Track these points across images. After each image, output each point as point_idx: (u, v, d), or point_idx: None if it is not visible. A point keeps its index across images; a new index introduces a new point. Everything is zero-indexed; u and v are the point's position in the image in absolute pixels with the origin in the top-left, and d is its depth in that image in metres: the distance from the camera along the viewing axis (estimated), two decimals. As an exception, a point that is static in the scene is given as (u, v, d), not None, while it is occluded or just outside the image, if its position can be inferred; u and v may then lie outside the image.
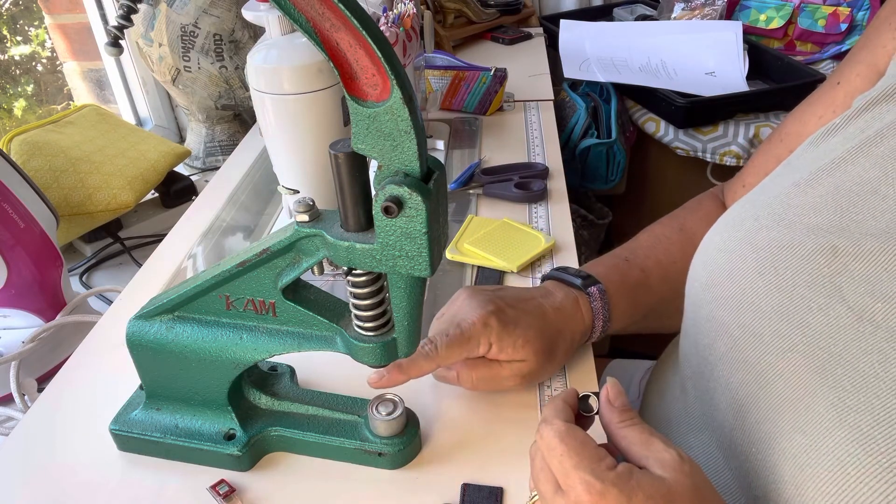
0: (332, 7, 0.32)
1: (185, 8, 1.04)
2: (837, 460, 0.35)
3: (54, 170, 0.91)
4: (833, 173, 0.43)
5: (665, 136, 1.24)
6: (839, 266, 0.40)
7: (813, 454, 0.36)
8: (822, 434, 0.36)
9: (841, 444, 0.35)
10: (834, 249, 0.40)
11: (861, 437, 0.34)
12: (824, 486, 0.35)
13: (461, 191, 0.86)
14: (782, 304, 0.42)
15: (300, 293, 0.47)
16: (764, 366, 0.42)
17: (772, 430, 0.40)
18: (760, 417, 0.41)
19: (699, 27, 1.37)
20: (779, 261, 0.43)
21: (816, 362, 0.39)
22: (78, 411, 0.58)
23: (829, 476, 0.35)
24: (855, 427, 0.35)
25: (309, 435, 0.51)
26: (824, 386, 0.38)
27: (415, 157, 0.36)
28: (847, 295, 0.39)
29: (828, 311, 0.39)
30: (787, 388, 0.40)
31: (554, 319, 0.55)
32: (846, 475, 0.34)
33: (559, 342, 0.55)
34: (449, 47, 1.33)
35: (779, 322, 0.41)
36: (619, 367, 0.84)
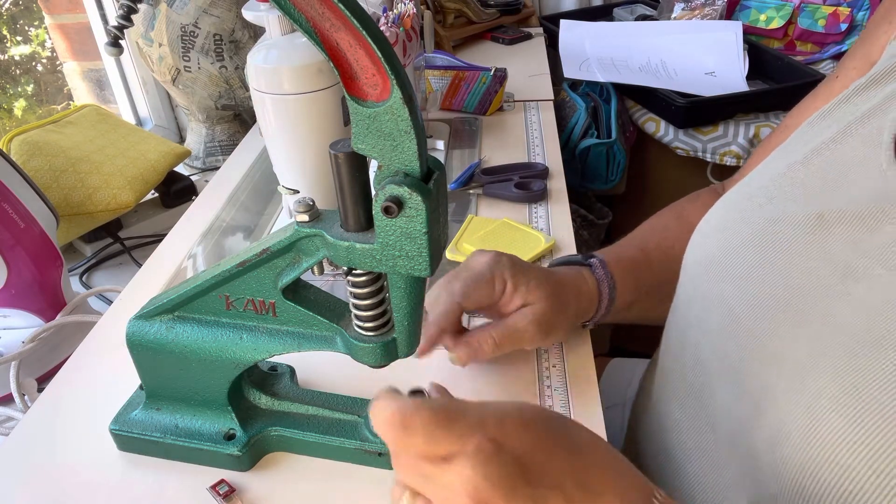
0: (332, 7, 0.32)
1: (185, 8, 1.04)
2: (812, 395, 0.37)
3: (54, 170, 0.91)
4: (822, 153, 0.46)
5: (665, 136, 1.24)
6: (823, 231, 0.42)
7: (791, 395, 0.39)
8: (801, 376, 0.39)
9: (816, 380, 0.37)
10: (820, 217, 0.42)
11: (833, 373, 0.37)
12: (800, 420, 0.37)
13: (461, 191, 0.86)
14: (775, 270, 0.44)
15: (300, 293, 0.47)
16: (758, 329, 0.43)
17: (762, 385, 0.41)
18: (752, 375, 0.43)
19: (699, 27, 1.37)
20: (770, 233, 0.45)
21: (801, 317, 0.41)
22: (78, 411, 0.58)
23: (804, 411, 0.37)
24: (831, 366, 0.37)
25: (309, 435, 0.51)
26: (804, 337, 0.40)
27: (415, 157, 0.36)
28: (833, 255, 0.41)
29: (817, 272, 0.41)
30: (778, 346, 0.41)
31: (561, 275, 0.57)
32: (819, 406, 0.36)
33: (568, 293, 0.56)
34: (449, 47, 1.33)
35: (772, 287, 0.43)
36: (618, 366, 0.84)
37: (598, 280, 0.59)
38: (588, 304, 0.58)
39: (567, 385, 0.57)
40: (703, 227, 0.53)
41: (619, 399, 0.79)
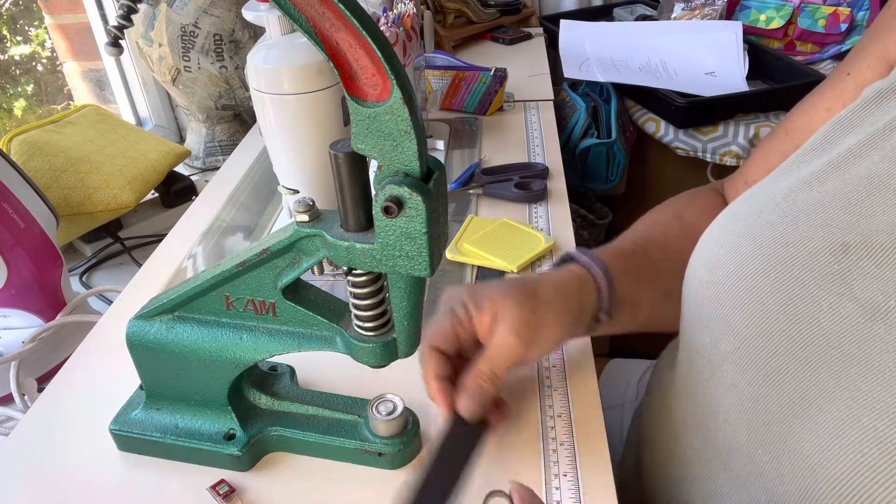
0: (332, 7, 0.32)
1: (185, 8, 1.04)
2: (851, 461, 0.34)
3: (54, 170, 0.91)
4: (841, 167, 0.42)
5: (665, 136, 1.24)
6: (849, 263, 0.38)
7: (826, 455, 0.36)
8: (836, 435, 0.36)
9: (855, 444, 0.34)
10: (845, 247, 0.39)
11: (876, 438, 0.34)
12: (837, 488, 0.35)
13: (461, 191, 0.86)
14: (791, 302, 0.40)
15: (300, 293, 0.47)
16: (773, 366, 0.40)
17: (781, 432, 0.39)
18: (769, 419, 0.40)
19: (699, 27, 1.37)
20: (785, 258, 0.42)
21: (828, 362, 0.38)
22: (78, 411, 0.58)
23: (841, 478, 0.34)
24: (870, 427, 0.34)
25: (309, 435, 0.51)
26: (837, 386, 0.37)
27: (415, 157, 0.36)
28: (858, 293, 0.37)
29: (839, 310, 0.38)
30: (799, 388, 0.39)
31: (532, 276, 0.55)
32: (860, 476, 0.34)
33: (544, 287, 0.51)
34: (449, 47, 1.33)
35: (787, 322, 0.40)
36: (617, 366, 0.84)
37: (584, 265, 0.54)
38: (579, 288, 0.53)
39: (567, 385, 0.57)
40: (708, 244, 0.49)
41: (619, 400, 0.79)
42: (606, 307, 0.54)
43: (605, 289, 0.54)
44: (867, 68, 0.50)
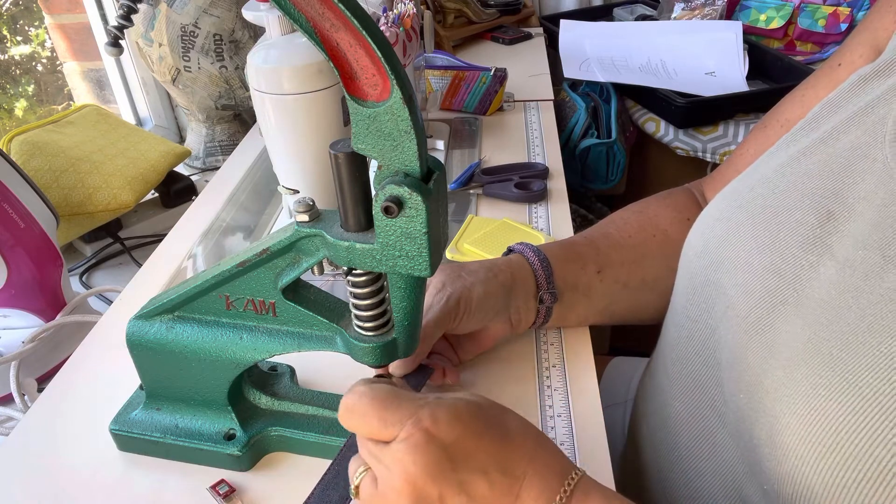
0: (332, 7, 0.32)
1: (185, 8, 1.04)
2: (810, 385, 0.37)
3: (54, 170, 0.91)
4: (826, 142, 0.45)
5: (665, 136, 1.24)
6: (831, 228, 0.42)
7: (789, 384, 0.39)
8: (798, 365, 0.39)
9: (814, 370, 0.38)
10: (829, 214, 0.42)
11: (831, 362, 0.37)
12: (798, 408, 0.37)
13: (461, 191, 0.86)
14: (775, 263, 0.43)
15: (300, 293, 0.47)
16: (753, 318, 0.43)
17: (758, 374, 0.42)
18: (748, 365, 0.43)
19: (699, 27, 1.37)
20: (773, 224, 0.45)
21: (801, 310, 0.41)
22: (78, 411, 0.58)
23: (802, 400, 0.37)
24: (826, 354, 0.37)
25: (309, 435, 0.51)
26: (803, 326, 0.40)
27: (415, 157, 0.36)
28: (836, 251, 0.41)
29: (818, 268, 0.41)
30: (775, 336, 0.41)
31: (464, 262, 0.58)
32: (817, 396, 0.37)
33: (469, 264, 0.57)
34: (449, 47, 1.33)
35: (769, 278, 0.43)
36: (618, 365, 0.84)
37: (518, 251, 0.59)
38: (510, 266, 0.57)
39: (567, 385, 0.57)
40: (704, 219, 0.53)
41: (620, 398, 0.79)
42: (546, 286, 0.58)
43: (540, 269, 0.58)
44: (858, 57, 0.53)
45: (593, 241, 0.63)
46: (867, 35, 0.52)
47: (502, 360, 0.60)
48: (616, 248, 0.63)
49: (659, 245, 0.63)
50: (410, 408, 0.37)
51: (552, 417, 0.54)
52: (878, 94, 0.44)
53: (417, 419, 0.36)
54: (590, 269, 0.61)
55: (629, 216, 0.67)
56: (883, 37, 0.50)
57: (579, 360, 0.60)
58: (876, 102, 0.44)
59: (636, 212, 0.67)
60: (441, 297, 0.53)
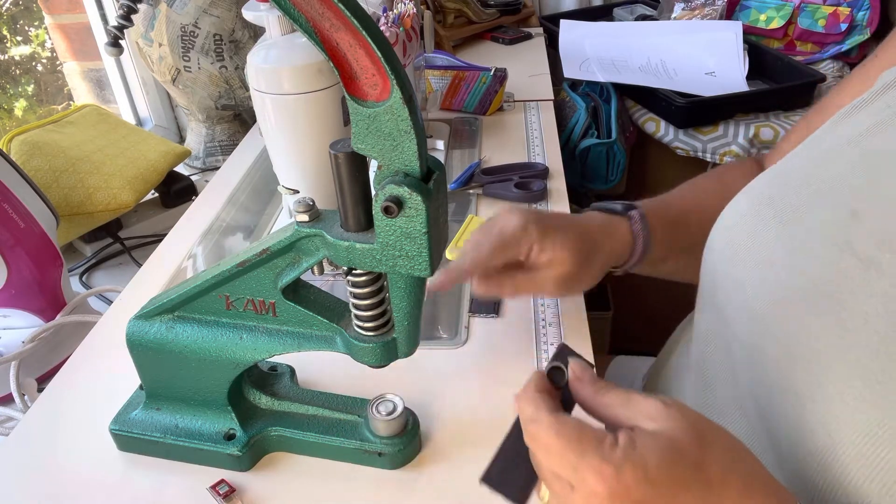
0: (332, 7, 0.32)
1: (185, 8, 1.04)
2: (837, 391, 0.37)
3: (54, 170, 0.91)
4: (859, 143, 0.44)
5: (665, 136, 1.24)
6: (854, 227, 0.41)
7: (815, 390, 0.38)
8: (824, 370, 0.38)
9: (841, 377, 0.37)
10: (854, 213, 0.41)
11: (860, 369, 0.36)
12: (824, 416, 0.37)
13: (461, 191, 0.86)
14: (794, 259, 0.43)
15: (300, 293, 0.47)
16: (772, 315, 0.43)
17: (778, 373, 0.41)
18: (769, 365, 0.42)
19: (699, 27, 1.37)
20: (796, 222, 0.44)
21: (822, 308, 0.40)
22: (78, 411, 0.58)
23: (828, 406, 0.37)
24: (854, 361, 0.36)
25: (309, 435, 0.51)
26: (827, 328, 0.39)
27: (415, 157, 0.36)
28: (857, 249, 0.40)
29: (838, 264, 0.40)
30: (797, 335, 0.41)
31: (592, 232, 0.57)
32: (844, 403, 0.36)
33: (597, 251, 0.57)
34: (449, 47, 1.33)
35: (789, 275, 0.43)
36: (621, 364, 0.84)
37: (634, 233, 0.59)
38: (621, 250, 0.59)
39: (567, 385, 0.57)
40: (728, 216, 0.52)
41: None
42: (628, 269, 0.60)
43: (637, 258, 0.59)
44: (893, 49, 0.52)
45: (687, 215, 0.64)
46: None
47: (503, 358, 0.60)
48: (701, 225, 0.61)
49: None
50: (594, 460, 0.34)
51: (552, 417, 0.54)
52: None
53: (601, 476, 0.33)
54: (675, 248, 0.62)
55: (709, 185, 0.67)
56: None
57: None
58: None
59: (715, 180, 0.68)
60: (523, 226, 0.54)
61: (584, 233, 0.56)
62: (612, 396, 0.37)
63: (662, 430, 0.34)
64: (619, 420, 0.36)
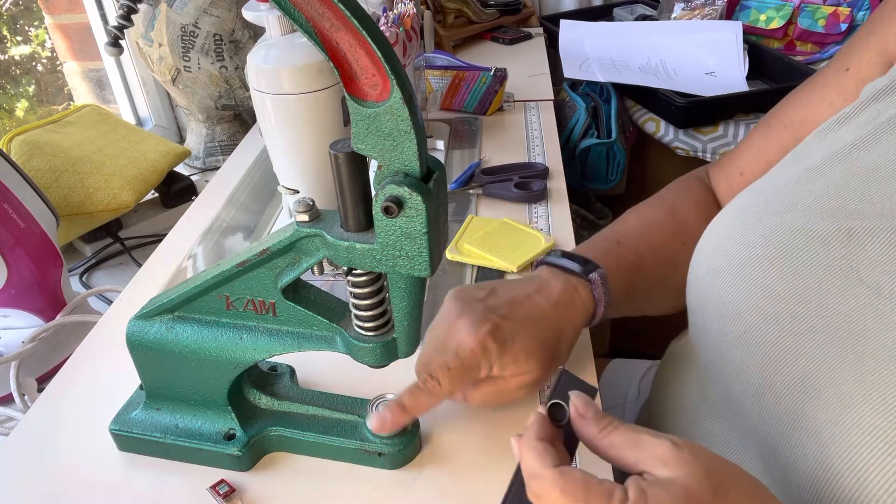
0: (332, 7, 0.32)
1: (185, 8, 1.04)
2: (862, 433, 0.35)
3: (54, 170, 0.91)
4: (846, 159, 0.43)
5: (665, 136, 1.24)
6: (855, 248, 0.39)
7: (837, 429, 0.36)
8: (846, 409, 0.36)
9: (866, 417, 0.35)
10: (849, 232, 0.40)
11: (886, 410, 0.34)
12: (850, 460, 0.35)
13: (461, 191, 0.86)
14: (798, 288, 0.41)
15: (300, 293, 0.47)
16: (781, 348, 0.41)
17: (791, 410, 0.39)
18: (779, 398, 0.41)
19: (699, 27, 1.37)
20: (792, 245, 0.42)
21: (837, 341, 0.38)
22: (78, 411, 0.58)
23: (854, 450, 0.35)
24: (880, 400, 0.35)
25: (309, 435, 0.51)
26: (845, 363, 0.37)
27: (415, 157, 0.36)
28: (864, 275, 0.38)
29: (846, 292, 0.39)
30: (807, 368, 0.39)
31: (554, 318, 0.52)
32: (871, 448, 0.34)
33: (562, 342, 0.52)
34: (449, 47, 1.33)
35: (796, 305, 0.41)
36: (618, 367, 0.84)
37: (595, 299, 0.55)
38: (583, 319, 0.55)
39: (567, 385, 0.57)
40: (716, 233, 0.50)
41: (619, 400, 0.79)
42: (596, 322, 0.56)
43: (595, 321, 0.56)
44: (867, 63, 0.50)
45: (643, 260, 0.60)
46: (876, 40, 0.50)
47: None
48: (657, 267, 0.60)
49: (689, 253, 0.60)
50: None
51: (552, 417, 0.54)
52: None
53: None
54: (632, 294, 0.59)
55: (661, 217, 0.64)
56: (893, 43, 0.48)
57: (579, 362, 0.59)
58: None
59: (665, 212, 0.64)
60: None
61: (544, 331, 0.51)
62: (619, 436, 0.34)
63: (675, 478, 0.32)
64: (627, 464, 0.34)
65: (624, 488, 0.32)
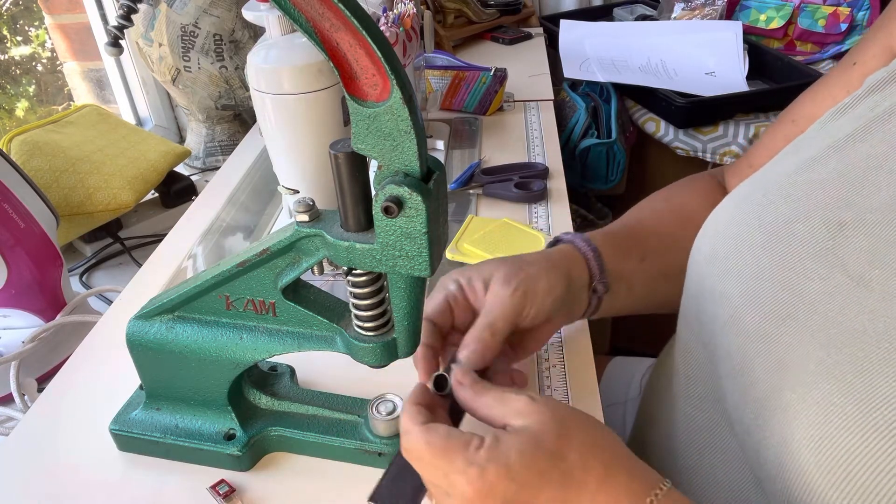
0: (332, 7, 0.32)
1: (185, 8, 1.04)
2: (822, 410, 0.36)
3: (54, 170, 0.91)
4: (841, 150, 0.44)
5: (665, 136, 1.24)
6: (843, 239, 0.40)
7: (800, 406, 0.38)
8: (810, 388, 0.38)
9: (826, 395, 0.36)
10: (841, 224, 0.41)
11: (845, 388, 0.36)
12: (810, 433, 0.37)
13: (461, 191, 0.86)
14: (784, 274, 0.42)
15: (300, 293, 0.47)
16: (762, 332, 0.42)
17: (766, 391, 0.41)
18: (756, 379, 0.42)
19: (699, 27, 1.37)
20: (784, 234, 0.44)
21: (812, 325, 0.40)
22: (78, 411, 0.58)
23: (814, 425, 0.36)
24: (840, 379, 0.36)
25: (309, 435, 0.51)
26: (815, 345, 0.39)
27: (415, 157, 0.36)
28: (848, 265, 0.39)
29: (828, 280, 0.40)
30: (783, 351, 0.40)
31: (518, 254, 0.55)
32: (829, 423, 0.36)
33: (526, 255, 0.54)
34: (449, 47, 1.33)
35: (779, 290, 0.42)
36: (619, 365, 0.84)
37: (568, 241, 0.57)
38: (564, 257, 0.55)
39: (567, 385, 0.57)
40: (714, 223, 0.52)
41: (620, 398, 0.79)
42: (598, 276, 0.56)
43: (593, 259, 0.56)
44: (872, 58, 0.51)
45: (632, 229, 0.62)
46: (882, 34, 0.51)
47: (502, 360, 0.60)
48: (653, 237, 0.61)
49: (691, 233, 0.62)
50: (460, 464, 0.36)
51: (552, 417, 0.54)
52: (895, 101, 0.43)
53: (467, 478, 0.35)
54: (633, 257, 0.59)
55: (658, 205, 0.66)
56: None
57: (579, 360, 0.60)
58: (893, 110, 0.42)
59: (664, 199, 0.66)
60: (507, 291, 0.50)
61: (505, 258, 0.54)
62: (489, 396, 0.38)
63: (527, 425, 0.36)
64: (495, 419, 0.38)
65: (481, 437, 0.36)
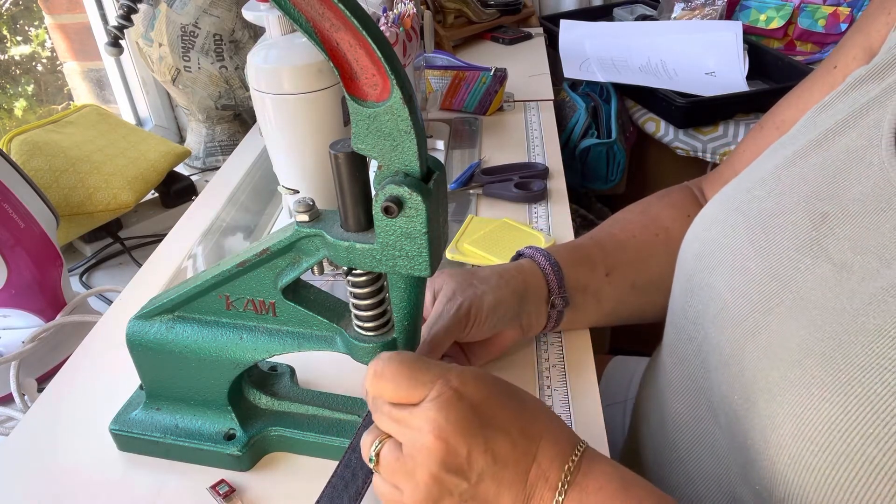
0: (332, 7, 0.32)
1: (185, 8, 1.04)
2: (803, 384, 0.38)
3: (54, 170, 0.91)
4: (822, 145, 0.46)
5: (665, 136, 1.24)
6: (826, 230, 0.42)
7: (784, 384, 0.39)
8: (793, 366, 0.39)
9: (808, 370, 0.38)
10: (824, 216, 0.42)
11: (825, 362, 0.37)
12: (792, 408, 0.38)
13: (461, 191, 0.86)
14: (771, 266, 0.44)
15: (300, 293, 0.47)
16: (751, 322, 0.43)
17: (753, 375, 0.42)
18: (744, 367, 0.43)
19: (699, 27, 1.37)
20: (769, 228, 0.45)
21: (797, 312, 0.41)
22: (78, 411, 0.58)
23: (795, 398, 0.38)
24: (820, 354, 0.38)
25: (309, 435, 0.51)
26: (799, 327, 0.40)
27: (415, 157, 0.36)
28: (832, 254, 0.41)
29: (814, 270, 0.41)
30: (770, 338, 0.42)
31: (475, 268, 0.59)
32: (810, 395, 0.37)
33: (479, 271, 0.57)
34: (449, 47, 1.33)
35: (766, 282, 0.44)
36: (619, 364, 0.84)
37: (528, 256, 0.59)
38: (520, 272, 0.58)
39: (567, 384, 0.57)
40: (700, 221, 0.53)
41: (620, 397, 0.79)
42: (557, 290, 0.58)
43: (552, 273, 0.58)
44: (853, 59, 0.53)
45: (600, 242, 0.63)
46: (860, 37, 0.52)
47: (502, 360, 0.60)
48: (622, 250, 0.63)
49: (663, 244, 0.63)
50: (439, 370, 0.39)
51: (552, 417, 0.54)
52: (873, 96, 0.44)
53: (447, 379, 0.38)
54: (599, 271, 0.61)
55: (631, 216, 0.67)
56: (876, 38, 0.51)
57: (579, 360, 0.60)
58: (871, 105, 0.44)
59: (638, 212, 0.67)
60: (452, 306, 0.53)
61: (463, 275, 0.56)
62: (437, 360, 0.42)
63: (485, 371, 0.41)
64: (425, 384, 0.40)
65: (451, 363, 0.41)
